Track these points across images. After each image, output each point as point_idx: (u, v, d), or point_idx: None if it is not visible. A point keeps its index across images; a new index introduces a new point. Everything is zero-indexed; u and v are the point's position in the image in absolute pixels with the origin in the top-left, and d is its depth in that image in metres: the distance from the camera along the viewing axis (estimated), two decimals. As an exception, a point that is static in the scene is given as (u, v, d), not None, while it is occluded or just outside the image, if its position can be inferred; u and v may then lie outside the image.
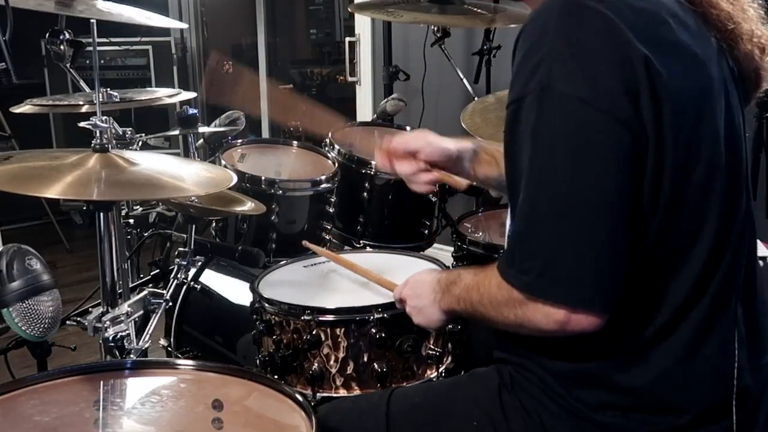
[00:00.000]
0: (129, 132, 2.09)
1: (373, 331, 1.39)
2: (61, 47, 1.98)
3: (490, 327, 1.06)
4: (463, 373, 1.54)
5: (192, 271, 1.96)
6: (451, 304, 1.13)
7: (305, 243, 1.74)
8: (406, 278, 1.59)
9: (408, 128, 2.48)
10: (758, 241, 1.09)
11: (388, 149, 1.34)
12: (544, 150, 0.90)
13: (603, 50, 0.88)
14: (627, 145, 0.88)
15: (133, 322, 1.49)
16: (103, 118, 1.40)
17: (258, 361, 1.53)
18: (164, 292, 1.62)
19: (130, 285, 2.12)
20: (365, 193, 2.16)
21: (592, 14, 0.90)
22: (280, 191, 2.02)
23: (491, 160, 1.32)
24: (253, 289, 1.54)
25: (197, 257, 1.92)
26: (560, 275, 0.90)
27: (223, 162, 2.08)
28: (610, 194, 0.88)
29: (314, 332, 1.41)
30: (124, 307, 1.41)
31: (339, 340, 1.42)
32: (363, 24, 3.71)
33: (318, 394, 1.42)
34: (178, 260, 1.85)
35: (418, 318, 1.22)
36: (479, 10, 2.51)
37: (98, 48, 1.39)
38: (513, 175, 0.96)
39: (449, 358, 1.53)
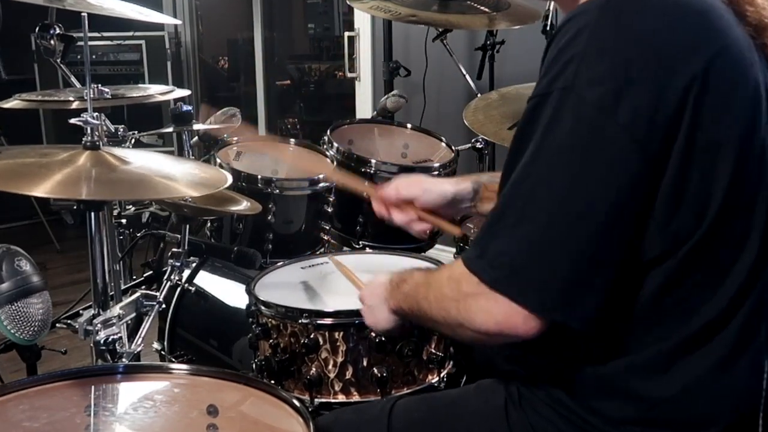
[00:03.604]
0: (121, 129, 2.08)
1: (373, 334, 1.37)
2: (52, 42, 1.96)
3: None
4: (465, 378, 1.51)
5: (186, 273, 1.94)
6: (398, 302, 1.12)
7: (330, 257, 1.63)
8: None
9: (408, 126, 2.46)
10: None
11: (382, 196, 1.31)
12: (551, 149, 0.87)
13: (636, 65, 0.84)
14: (637, 165, 0.85)
15: (125, 324, 1.47)
16: (95, 114, 1.38)
17: (254, 366, 1.51)
18: (157, 294, 1.61)
19: (123, 287, 2.11)
20: (365, 193, 2.13)
21: (631, 26, 0.86)
22: (277, 190, 2.01)
23: (493, 197, 1.29)
24: (249, 292, 1.52)
25: (191, 258, 1.90)
26: (529, 278, 0.87)
27: (219, 160, 2.07)
28: (604, 210, 0.85)
29: (312, 336, 1.39)
30: (116, 310, 1.39)
31: (338, 344, 1.39)
32: (362, 18, 3.69)
33: (316, 400, 1.40)
34: (171, 261, 1.83)
35: (369, 319, 1.21)
36: (480, 7, 2.49)
37: (90, 43, 1.37)
38: (513, 170, 0.92)
39: (451, 363, 1.51)
